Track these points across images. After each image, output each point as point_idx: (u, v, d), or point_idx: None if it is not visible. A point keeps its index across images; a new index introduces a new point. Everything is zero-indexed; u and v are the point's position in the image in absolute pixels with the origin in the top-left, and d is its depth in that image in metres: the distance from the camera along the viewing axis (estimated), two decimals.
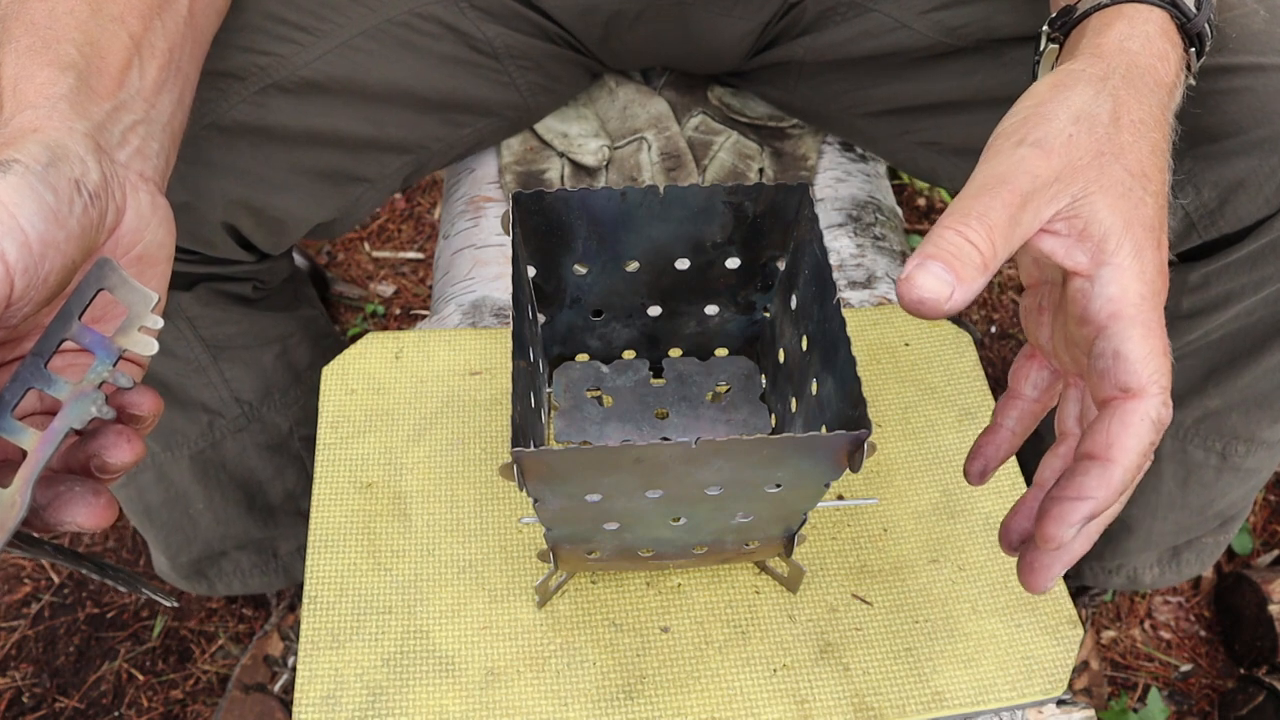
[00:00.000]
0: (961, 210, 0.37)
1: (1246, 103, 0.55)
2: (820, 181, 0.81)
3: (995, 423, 0.47)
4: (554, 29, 0.75)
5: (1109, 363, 0.38)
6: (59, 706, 1.02)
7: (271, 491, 0.84)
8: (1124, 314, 0.38)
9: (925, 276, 0.36)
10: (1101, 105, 0.41)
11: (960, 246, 0.36)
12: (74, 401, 0.38)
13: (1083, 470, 0.37)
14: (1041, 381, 0.47)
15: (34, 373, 0.39)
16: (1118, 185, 0.39)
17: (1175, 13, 0.46)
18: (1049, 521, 0.38)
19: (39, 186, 0.38)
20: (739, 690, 0.54)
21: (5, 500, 0.37)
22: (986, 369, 1.24)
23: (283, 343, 0.78)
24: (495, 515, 0.59)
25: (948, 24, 0.68)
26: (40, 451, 0.38)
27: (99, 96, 0.44)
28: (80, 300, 0.39)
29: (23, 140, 0.39)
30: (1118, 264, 0.38)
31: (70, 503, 0.38)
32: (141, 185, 0.44)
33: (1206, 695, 1.06)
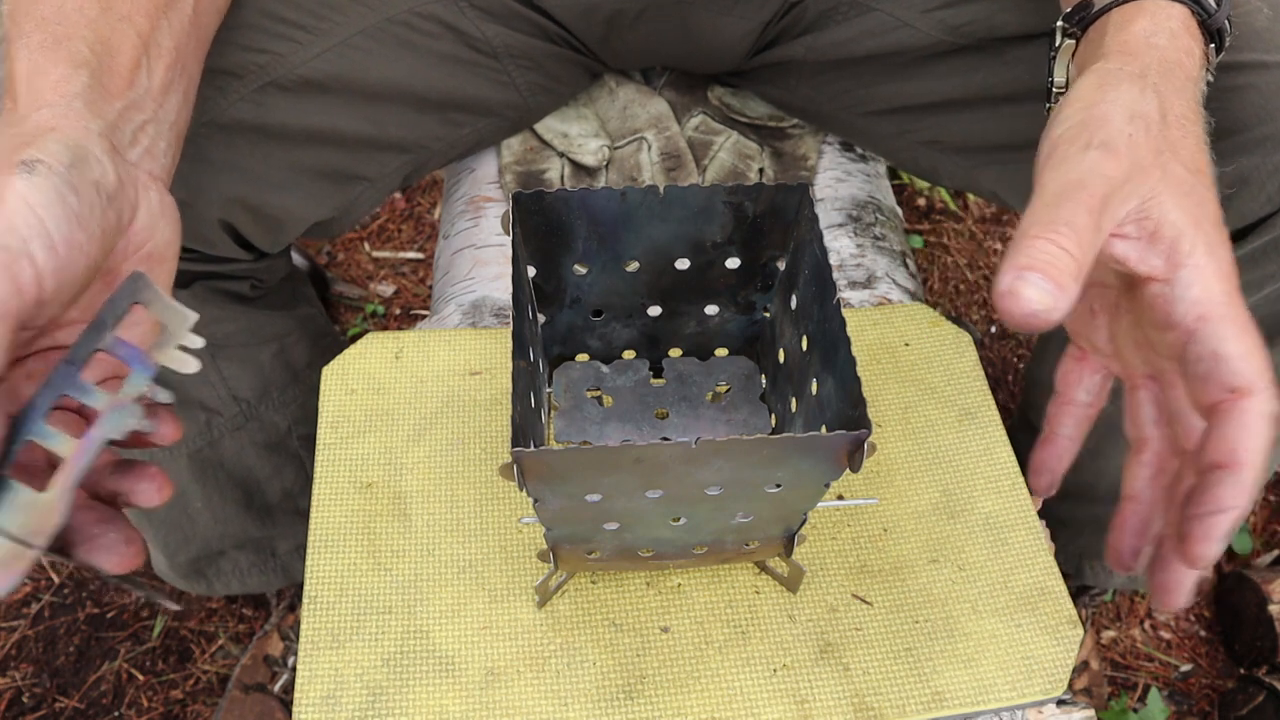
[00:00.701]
0: (1046, 219, 0.37)
1: (1249, 100, 0.55)
2: (820, 181, 0.81)
3: (1051, 432, 0.46)
4: (554, 28, 0.75)
5: (1210, 365, 0.37)
6: (59, 706, 1.02)
7: (270, 490, 0.84)
8: (1213, 314, 0.37)
9: (1029, 289, 0.35)
10: (1149, 103, 0.41)
11: (1055, 254, 0.36)
12: (112, 412, 0.39)
13: (1216, 481, 0.37)
14: (1094, 385, 0.46)
15: (67, 381, 0.39)
16: (1182, 184, 0.39)
17: (1196, 8, 0.46)
18: (1198, 542, 0.37)
19: (63, 188, 0.38)
20: (739, 690, 0.54)
21: (44, 504, 0.37)
22: (986, 369, 1.24)
23: (280, 341, 0.78)
24: (495, 515, 0.59)
25: (949, 22, 0.68)
26: (77, 460, 0.38)
27: (111, 95, 0.44)
28: (114, 312, 0.40)
29: (43, 139, 0.39)
30: (1195, 264, 0.38)
31: (104, 549, 0.39)
32: (151, 184, 0.45)
33: (1206, 695, 1.06)
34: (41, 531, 0.36)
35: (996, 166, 0.72)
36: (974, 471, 0.62)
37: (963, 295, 1.37)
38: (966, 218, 1.45)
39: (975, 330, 1.34)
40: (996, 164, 0.72)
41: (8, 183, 0.37)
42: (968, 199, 1.47)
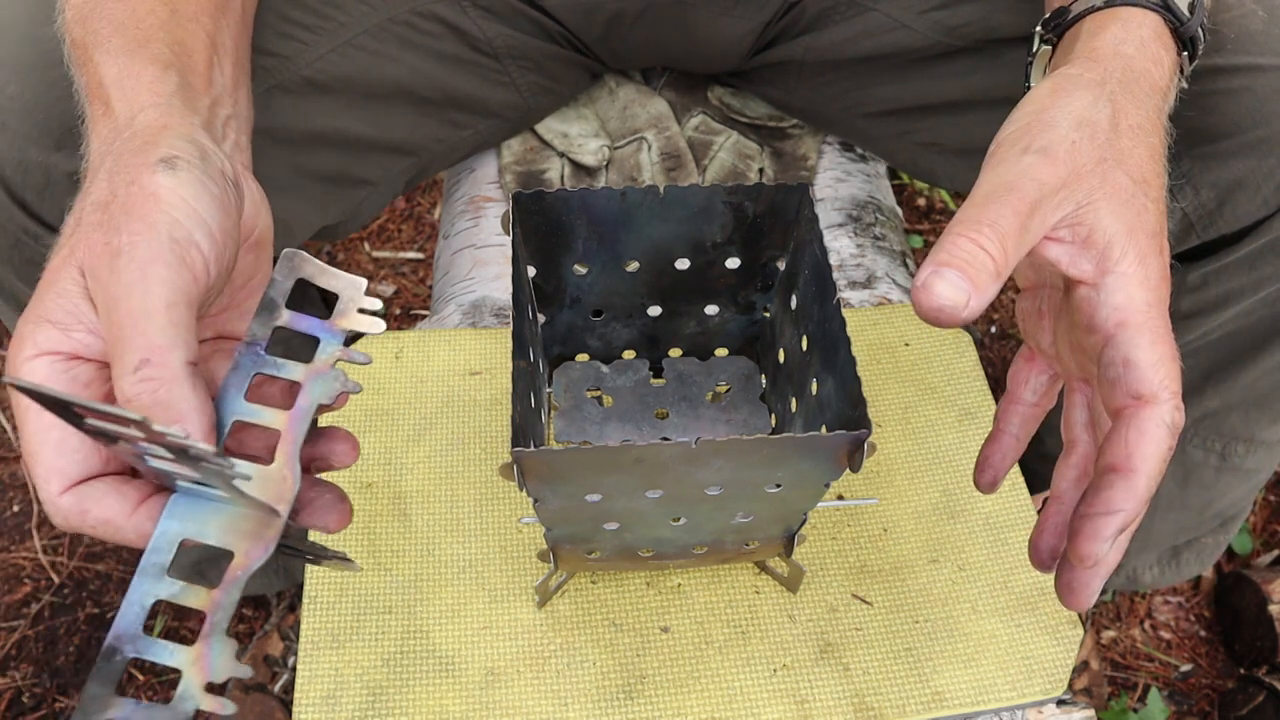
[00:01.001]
0: (972, 218, 0.37)
1: (1245, 103, 0.55)
2: (820, 181, 0.81)
3: (998, 429, 0.47)
4: (555, 28, 0.75)
5: (1120, 371, 0.38)
6: (59, 706, 1.02)
7: None
8: (1131, 321, 0.38)
9: (942, 284, 0.36)
10: (1101, 111, 0.41)
11: (974, 254, 0.36)
12: (314, 380, 0.40)
13: (1107, 484, 0.37)
14: (1040, 385, 0.47)
15: (255, 360, 0.40)
16: (1121, 192, 0.39)
17: (1169, 16, 0.46)
18: (1083, 540, 0.38)
19: (205, 180, 0.39)
20: (739, 690, 0.54)
21: (275, 474, 0.38)
22: (986, 369, 1.24)
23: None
24: (495, 515, 0.59)
25: (947, 24, 0.68)
26: (295, 428, 0.39)
27: (199, 93, 0.45)
28: (281, 291, 0.41)
29: (164, 137, 0.40)
30: (1122, 272, 0.38)
31: (324, 509, 0.40)
32: (246, 175, 0.45)
33: (1206, 695, 1.06)
34: (282, 499, 0.37)
35: None
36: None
37: None
38: None
39: (975, 330, 1.33)
40: None
41: (154, 180, 0.38)
42: None
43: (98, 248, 0.37)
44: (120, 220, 0.37)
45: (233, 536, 0.37)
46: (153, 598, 0.37)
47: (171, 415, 0.35)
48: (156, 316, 0.36)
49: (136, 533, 0.37)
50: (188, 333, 0.36)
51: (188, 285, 0.37)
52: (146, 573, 0.37)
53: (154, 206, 0.37)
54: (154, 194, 0.38)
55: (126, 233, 0.37)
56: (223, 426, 0.38)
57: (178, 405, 0.35)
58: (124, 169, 0.39)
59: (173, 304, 0.36)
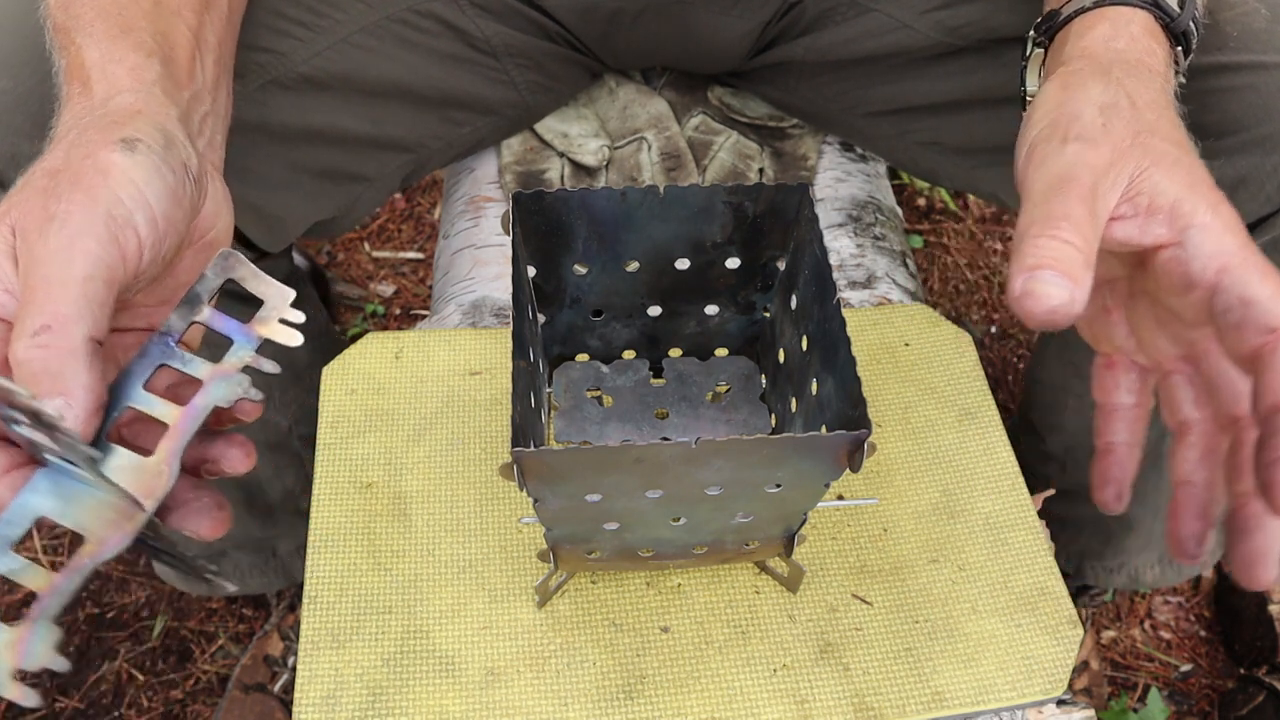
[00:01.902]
0: (1042, 216, 0.37)
1: (1247, 101, 0.56)
2: (820, 181, 0.81)
3: (1105, 442, 0.44)
4: (554, 27, 0.75)
5: (1241, 312, 0.36)
6: (59, 707, 1.02)
7: (271, 490, 0.84)
8: (1232, 264, 0.37)
9: (1045, 285, 0.35)
10: (1115, 94, 0.41)
11: (1060, 249, 0.36)
12: (217, 381, 0.39)
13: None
14: (1133, 384, 0.45)
15: (164, 351, 0.39)
16: (1166, 157, 0.39)
17: (1158, 13, 0.46)
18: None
19: (161, 167, 0.39)
20: (739, 690, 0.54)
21: (151, 468, 0.37)
22: (986, 369, 1.24)
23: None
24: (495, 515, 0.59)
25: (947, 24, 0.68)
26: (185, 425, 0.38)
27: (180, 85, 0.45)
28: (208, 288, 0.40)
29: (134, 120, 0.40)
30: (1200, 224, 0.38)
31: (198, 513, 0.40)
32: (214, 175, 0.45)
33: (1206, 695, 1.06)
34: (152, 494, 0.37)
35: (996, 167, 0.72)
36: (974, 471, 0.62)
37: (963, 295, 1.37)
38: (966, 218, 1.45)
39: (975, 330, 1.34)
40: (996, 165, 0.72)
41: (109, 158, 0.38)
42: (968, 199, 1.47)
43: (35, 210, 0.37)
44: (64, 189, 0.37)
45: (92, 522, 0.36)
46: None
47: (58, 386, 0.35)
48: (71, 286, 0.35)
49: None
50: (99, 309, 0.36)
51: (113, 263, 0.37)
52: None
53: (100, 181, 0.37)
54: (104, 169, 0.38)
55: (66, 201, 0.37)
56: (113, 410, 0.38)
57: (66, 378, 0.35)
58: (84, 143, 0.39)
59: (90, 278, 0.36)
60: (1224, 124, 0.56)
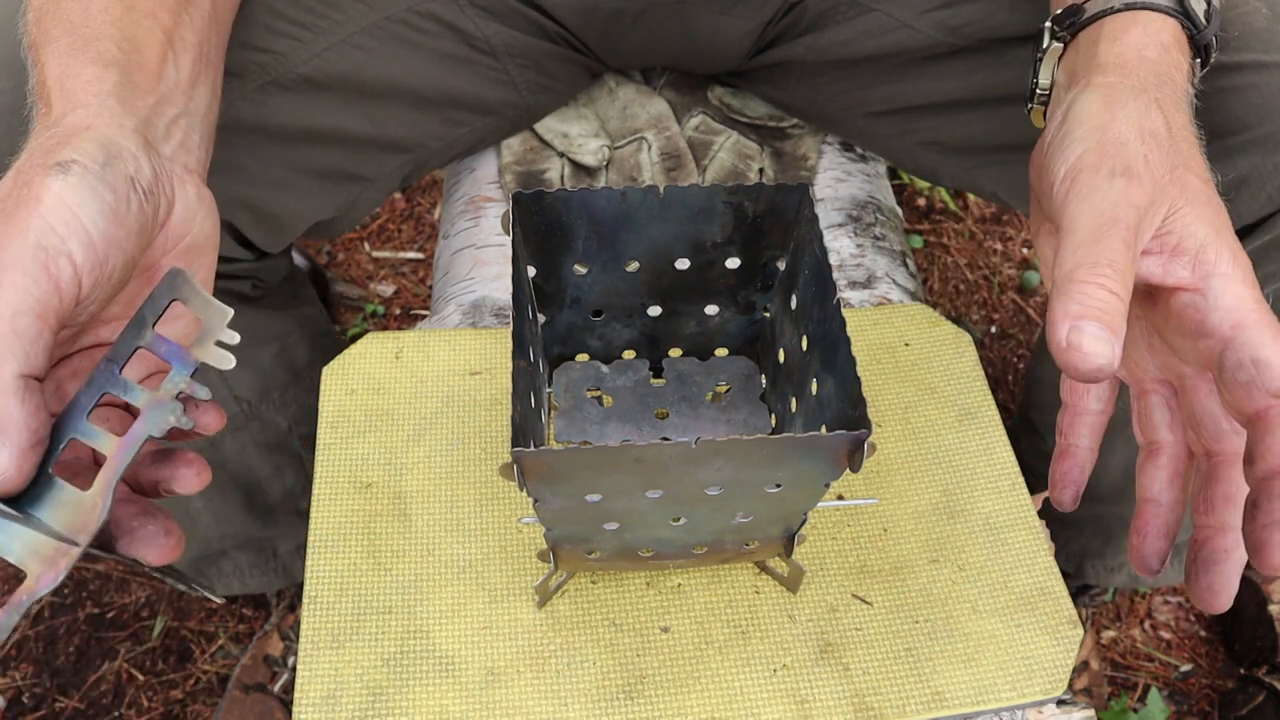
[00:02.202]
0: (1090, 260, 0.37)
1: (1248, 100, 0.56)
2: (820, 181, 0.81)
3: (1068, 444, 0.46)
4: (554, 28, 0.75)
5: (1251, 373, 0.37)
6: (59, 706, 1.02)
7: (271, 490, 0.84)
8: (1248, 321, 0.38)
9: (1090, 341, 0.35)
10: (1155, 118, 0.41)
11: (1105, 299, 0.36)
12: (151, 410, 0.39)
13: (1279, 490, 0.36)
14: (1103, 393, 0.46)
15: (109, 379, 0.39)
16: (1199, 196, 0.39)
17: (1187, 23, 0.46)
18: (1274, 550, 0.36)
19: (99, 186, 0.38)
20: (739, 690, 0.54)
21: (87, 502, 0.38)
22: (986, 369, 1.24)
23: (281, 341, 0.78)
24: (495, 515, 0.59)
25: (948, 23, 0.68)
26: (119, 457, 0.38)
27: (142, 91, 0.45)
28: (154, 309, 0.40)
29: (77, 139, 0.40)
30: (1223, 273, 0.38)
31: (144, 540, 0.40)
32: (187, 178, 0.45)
33: (1206, 695, 1.06)
34: (85, 529, 0.37)
35: (997, 167, 0.72)
36: (974, 471, 0.62)
37: (963, 295, 1.37)
38: (966, 218, 1.45)
39: (975, 330, 1.34)
40: (997, 164, 0.72)
41: (43, 183, 0.38)
42: (968, 199, 1.47)
43: None
44: (0, 222, 0.37)
45: (30, 558, 0.37)
46: None
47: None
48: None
49: None
50: (30, 344, 0.36)
51: (44, 295, 0.36)
52: None
53: (32, 210, 0.37)
54: (37, 197, 0.37)
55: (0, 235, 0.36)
56: (58, 443, 0.38)
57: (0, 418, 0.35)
58: (25, 169, 0.39)
59: (19, 314, 0.35)
60: (1225, 123, 0.56)
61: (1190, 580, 0.40)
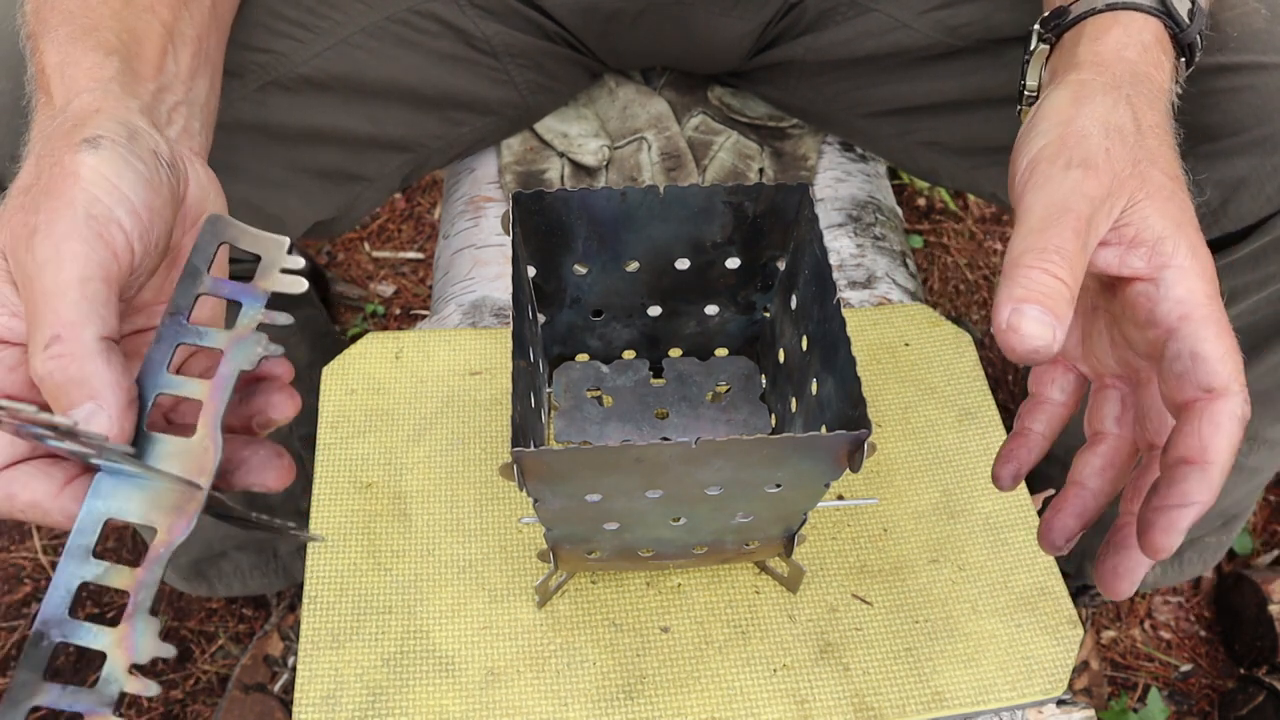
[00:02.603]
0: (1036, 246, 0.37)
1: (1248, 101, 0.56)
2: (820, 181, 0.81)
3: (1023, 427, 0.46)
4: (553, 28, 0.75)
5: (1187, 364, 0.38)
6: None
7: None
8: (1194, 315, 0.38)
9: (1030, 324, 0.36)
10: (1123, 114, 0.41)
11: (1049, 284, 0.36)
12: (235, 345, 0.39)
13: (1182, 477, 0.37)
14: (1068, 385, 0.46)
15: (178, 330, 0.39)
16: (1161, 190, 0.40)
17: (1169, 22, 0.46)
18: (1158, 533, 0.37)
19: (130, 158, 0.39)
20: (739, 690, 0.54)
21: (197, 446, 0.37)
22: (986, 369, 1.24)
23: (281, 341, 0.78)
24: (495, 515, 0.59)
25: (947, 23, 0.68)
26: (217, 396, 0.38)
27: (143, 79, 0.45)
28: (204, 257, 0.40)
29: (95, 119, 0.40)
30: (1179, 265, 0.39)
31: (259, 467, 0.40)
32: (194, 159, 0.45)
33: (1206, 695, 1.06)
34: (203, 471, 0.37)
35: (996, 167, 0.72)
36: (974, 471, 0.62)
37: (963, 295, 1.37)
38: (966, 218, 1.45)
39: (975, 330, 1.34)
40: (996, 165, 0.72)
41: (76, 159, 0.38)
42: (968, 199, 1.47)
43: (18, 229, 0.37)
44: (40, 200, 0.37)
45: (155, 513, 0.37)
46: (78, 579, 0.37)
47: (85, 392, 0.35)
48: (69, 292, 0.35)
49: (63, 514, 0.37)
50: (104, 308, 0.36)
51: (105, 261, 0.36)
52: (73, 555, 0.37)
53: (73, 184, 0.37)
54: (74, 172, 0.37)
55: (45, 211, 0.37)
56: (146, 401, 0.38)
57: (90, 381, 0.35)
58: (50, 152, 0.39)
59: (87, 279, 0.36)
60: (1224, 125, 0.56)
61: (1098, 562, 0.41)
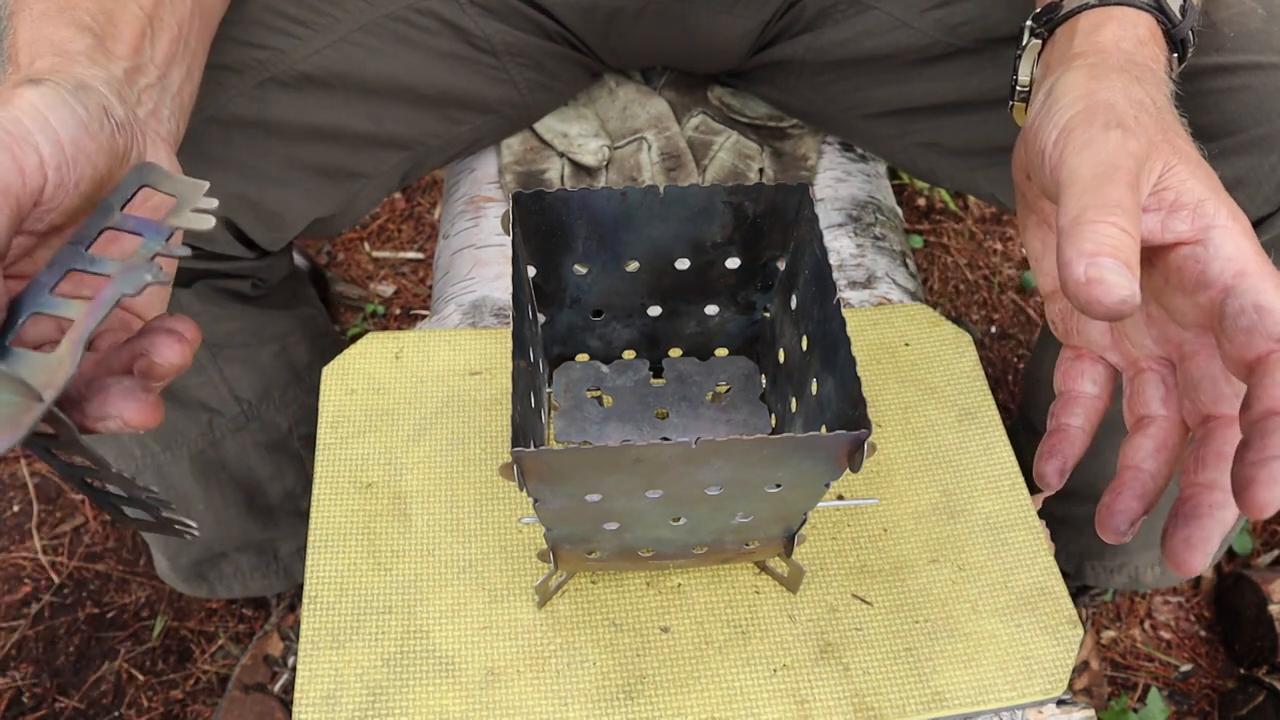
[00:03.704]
0: (1098, 203, 0.36)
1: (1245, 101, 0.56)
2: (820, 181, 0.81)
3: (1060, 423, 0.45)
4: (553, 27, 0.75)
5: (1253, 318, 0.36)
6: (59, 706, 1.02)
7: (271, 491, 0.84)
8: (1250, 269, 0.37)
9: (1113, 274, 0.34)
10: (1136, 90, 0.41)
11: (1119, 237, 0.35)
12: (125, 272, 0.37)
13: (1276, 427, 0.35)
14: (1099, 377, 0.45)
15: (73, 256, 0.37)
16: (1192, 156, 0.39)
17: (1161, 18, 0.47)
18: (1261, 487, 0.34)
19: (70, 100, 0.38)
20: (739, 690, 0.54)
21: (53, 360, 0.35)
22: (986, 369, 1.24)
23: (281, 341, 0.78)
24: (495, 515, 0.59)
25: (947, 22, 0.69)
26: (90, 316, 0.36)
27: (116, 57, 0.45)
28: (121, 195, 0.39)
29: (47, 74, 0.40)
30: (1223, 225, 0.38)
31: (119, 397, 0.37)
32: (160, 143, 0.45)
33: (1206, 695, 1.06)
34: (51, 385, 0.35)
35: (995, 168, 0.72)
36: (974, 471, 0.62)
37: (963, 295, 1.37)
38: (966, 218, 1.45)
39: (975, 330, 1.34)
40: (995, 166, 0.72)
41: (14, 93, 0.38)
42: (968, 199, 1.47)
43: None
44: None
45: None
46: None
47: None
48: None
49: None
50: None
51: (6, 174, 0.36)
52: None
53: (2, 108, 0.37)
54: (7, 100, 0.37)
55: None
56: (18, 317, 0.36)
57: None
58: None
59: None
60: (1221, 125, 0.56)
61: (1168, 535, 0.38)
